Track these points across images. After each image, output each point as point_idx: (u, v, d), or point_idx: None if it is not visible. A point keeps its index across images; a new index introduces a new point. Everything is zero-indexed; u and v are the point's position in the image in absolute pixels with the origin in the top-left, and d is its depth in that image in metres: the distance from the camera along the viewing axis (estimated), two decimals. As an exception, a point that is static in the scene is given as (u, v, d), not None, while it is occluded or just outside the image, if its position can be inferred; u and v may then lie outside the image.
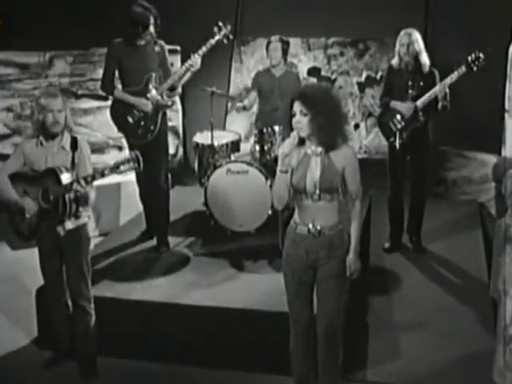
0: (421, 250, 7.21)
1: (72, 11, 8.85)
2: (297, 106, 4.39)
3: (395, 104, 6.87)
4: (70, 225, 5.18)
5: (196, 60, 6.35)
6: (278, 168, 4.47)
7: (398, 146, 6.89)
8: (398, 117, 6.83)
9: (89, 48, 9.00)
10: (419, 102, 6.73)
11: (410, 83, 6.80)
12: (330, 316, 4.57)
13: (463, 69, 6.64)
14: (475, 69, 6.65)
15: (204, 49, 6.38)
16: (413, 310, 6.17)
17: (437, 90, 6.67)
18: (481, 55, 6.61)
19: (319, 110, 4.34)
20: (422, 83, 6.77)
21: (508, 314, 4.60)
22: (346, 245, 4.55)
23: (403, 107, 6.81)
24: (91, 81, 9.07)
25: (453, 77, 6.65)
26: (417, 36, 6.76)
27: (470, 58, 6.63)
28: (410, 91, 6.80)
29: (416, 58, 6.75)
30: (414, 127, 6.81)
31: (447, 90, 6.69)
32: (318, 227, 4.48)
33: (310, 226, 4.49)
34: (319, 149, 4.45)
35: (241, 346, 5.46)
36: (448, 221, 7.95)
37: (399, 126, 6.84)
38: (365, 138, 9.27)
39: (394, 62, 6.90)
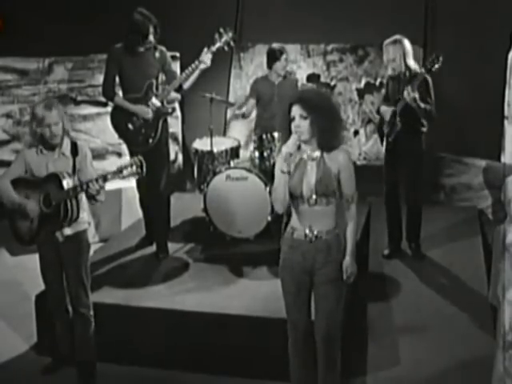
0: (420, 257, 7.21)
1: (71, 17, 8.86)
2: (296, 110, 4.40)
3: (381, 109, 7.00)
4: (68, 231, 5.17)
5: (207, 56, 6.33)
6: (279, 169, 4.44)
7: (384, 150, 6.99)
8: (386, 122, 6.91)
9: (88, 54, 8.99)
10: (397, 107, 6.78)
11: (398, 88, 6.84)
12: (328, 321, 4.57)
13: (423, 70, 6.68)
14: (433, 69, 6.65)
15: (213, 49, 6.37)
16: (412, 316, 6.17)
17: (405, 94, 6.69)
18: (440, 58, 6.62)
19: (319, 113, 4.36)
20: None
21: (507, 321, 4.60)
22: (343, 249, 4.55)
23: (384, 110, 6.93)
24: (90, 87, 9.06)
25: (419, 78, 6.68)
26: (405, 44, 6.79)
27: (427, 61, 6.69)
28: (401, 96, 6.83)
29: (402, 65, 6.81)
30: (396, 132, 6.84)
31: (416, 95, 6.67)
32: (315, 232, 4.49)
33: (307, 230, 4.50)
34: (315, 153, 4.46)
35: (240, 353, 5.45)
36: (447, 227, 7.96)
37: (385, 131, 6.93)
38: (364, 145, 9.27)
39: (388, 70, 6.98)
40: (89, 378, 5.38)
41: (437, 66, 6.61)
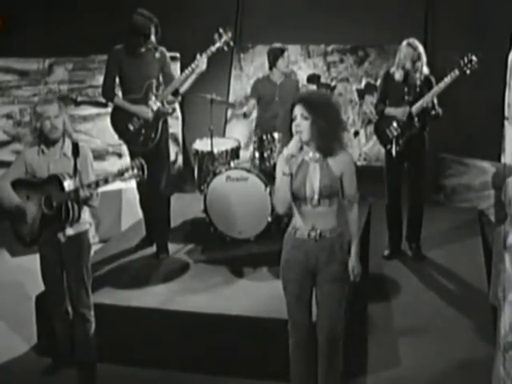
0: (420, 257, 7.21)
1: (72, 18, 8.87)
2: (298, 110, 4.42)
3: (390, 110, 6.89)
4: (70, 231, 5.17)
5: (202, 60, 6.33)
6: (281, 171, 4.46)
7: (394, 153, 6.90)
8: (395, 124, 6.85)
9: (88, 55, 9.01)
10: (414, 108, 6.74)
11: (406, 90, 6.81)
12: (331, 321, 4.57)
13: (456, 72, 6.64)
14: (468, 72, 6.63)
15: (208, 52, 6.37)
16: (412, 317, 6.17)
17: (431, 95, 6.68)
18: (473, 58, 6.59)
19: (320, 114, 4.37)
20: (418, 90, 6.77)
21: (507, 321, 4.59)
22: (345, 248, 4.56)
23: (398, 112, 6.82)
24: (91, 88, 9.08)
25: (446, 81, 6.65)
26: (421, 50, 6.75)
27: (462, 62, 6.63)
28: (406, 98, 6.80)
29: (419, 67, 6.77)
30: (411, 134, 6.82)
31: (434, 99, 6.70)
32: (319, 231, 4.50)
33: (311, 230, 4.50)
34: (317, 155, 4.48)
35: (240, 353, 5.45)
36: (447, 228, 7.96)
37: (395, 133, 6.86)
38: (364, 145, 9.28)
39: (394, 71, 6.88)
40: (89, 378, 5.37)
41: (473, 68, 6.60)
